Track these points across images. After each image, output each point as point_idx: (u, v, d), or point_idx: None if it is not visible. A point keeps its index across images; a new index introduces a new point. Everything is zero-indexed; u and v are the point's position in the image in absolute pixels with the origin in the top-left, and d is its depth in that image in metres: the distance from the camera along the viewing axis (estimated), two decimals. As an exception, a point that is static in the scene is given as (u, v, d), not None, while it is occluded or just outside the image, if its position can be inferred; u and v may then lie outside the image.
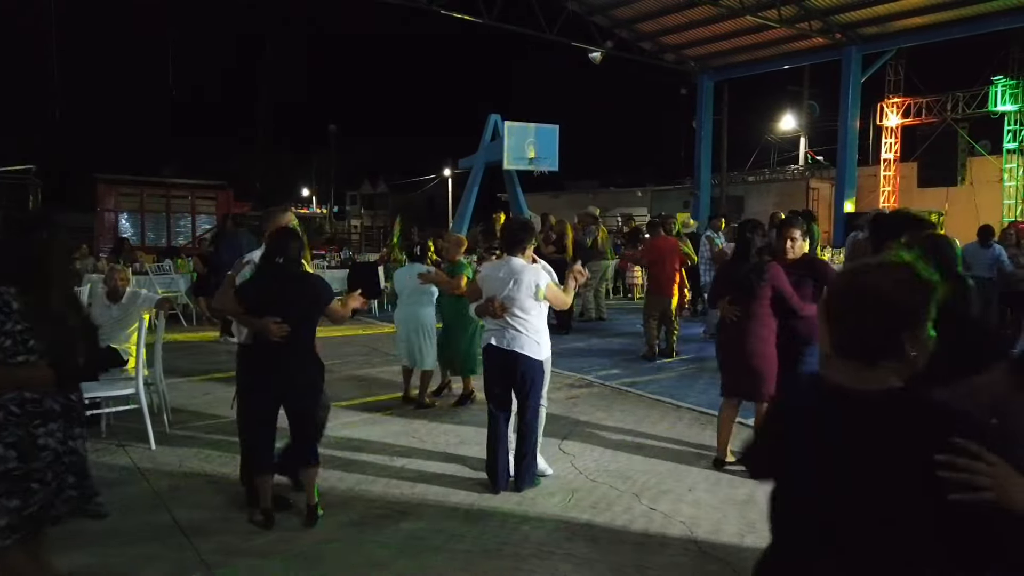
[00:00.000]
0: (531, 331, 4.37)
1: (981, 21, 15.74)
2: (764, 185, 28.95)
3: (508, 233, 4.53)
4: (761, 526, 3.98)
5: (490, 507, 4.25)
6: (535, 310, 4.37)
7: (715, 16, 16.90)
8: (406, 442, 5.41)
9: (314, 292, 3.94)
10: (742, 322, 4.70)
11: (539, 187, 27.46)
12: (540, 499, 4.35)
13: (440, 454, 5.16)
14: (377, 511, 4.17)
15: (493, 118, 18.85)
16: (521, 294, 4.31)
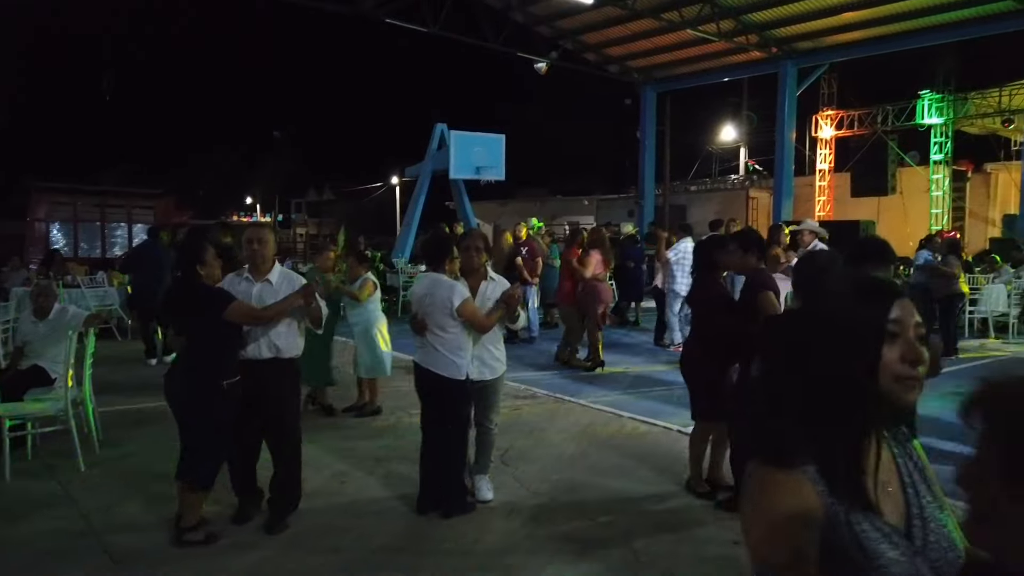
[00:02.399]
0: (448, 349, 4.22)
1: (908, 37, 16.42)
2: (706, 194, 29.58)
3: (427, 248, 4.55)
4: (698, 532, 4.07)
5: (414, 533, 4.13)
6: (453, 328, 4.22)
7: (657, 29, 17.24)
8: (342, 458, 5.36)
9: (196, 304, 3.91)
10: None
11: (487, 195, 27.52)
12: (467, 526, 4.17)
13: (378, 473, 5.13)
14: (314, 530, 4.12)
15: (439, 127, 18.84)
16: (436, 311, 4.22)
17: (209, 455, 3.89)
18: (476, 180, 18.76)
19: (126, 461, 5.23)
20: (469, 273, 4.48)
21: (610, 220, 27.99)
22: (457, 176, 18.14)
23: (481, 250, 4.48)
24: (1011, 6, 14.21)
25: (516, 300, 4.35)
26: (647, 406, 6.88)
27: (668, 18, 15.93)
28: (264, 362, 4.04)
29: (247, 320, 3.97)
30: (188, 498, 3.88)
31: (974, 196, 23.10)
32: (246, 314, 3.95)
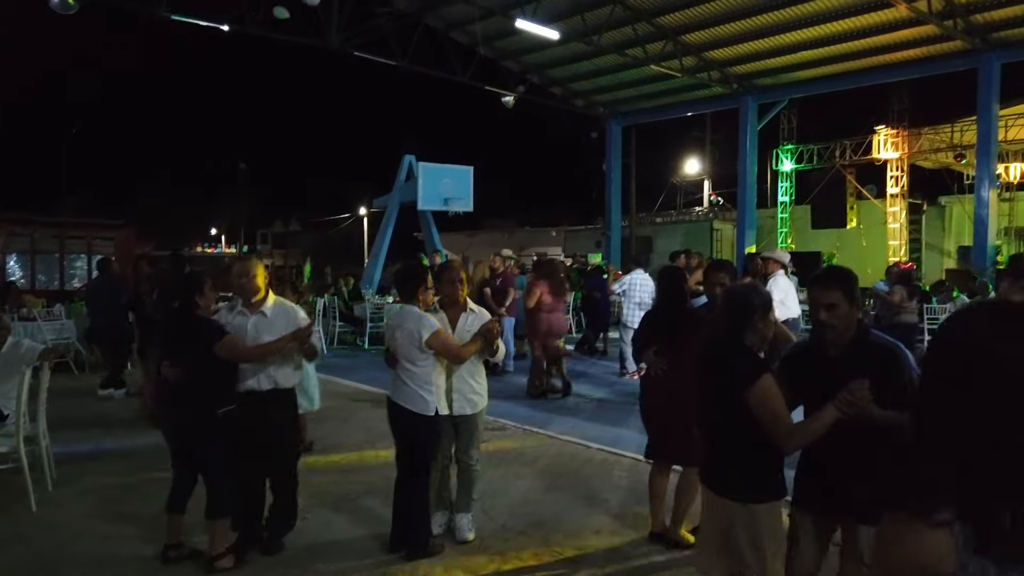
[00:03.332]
0: (417, 383, 4.13)
1: (862, 75, 16.98)
2: (671, 226, 30.01)
3: (398, 279, 4.50)
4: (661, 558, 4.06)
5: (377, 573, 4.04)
6: (422, 361, 4.12)
7: (621, 65, 17.59)
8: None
9: (195, 335, 3.97)
10: (671, 374, 4.18)
11: (455, 226, 27.58)
12: (434, 566, 4.07)
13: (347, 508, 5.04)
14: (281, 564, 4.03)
15: (408, 159, 18.91)
16: (405, 344, 4.15)
17: (225, 485, 3.98)
18: (444, 211, 18.81)
19: (81, 500, 5.07)
20: (449, 305, 4.42)
21: (577, 251, 28.23)
22: (425, 207, 18.16)
23: (461, 282, 4.42)
24: (959, 46, 14.80)
25: (494, 334, 4.28)
26: (615, 435, 6.89)
27: (632, 54, 16.27)
28: (264, 393, 4.12)
29: (237, 358, 4.02)
30: (215, 528, 3.97)
31: (930, 228, 23.76)
32: (236, 352, 4.01)
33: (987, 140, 15.16)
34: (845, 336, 2.78)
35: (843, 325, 2.77)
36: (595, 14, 15.18)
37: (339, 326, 14.30)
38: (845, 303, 2.75)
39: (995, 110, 15.20)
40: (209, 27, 13.38)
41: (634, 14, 15.68)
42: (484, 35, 17.18)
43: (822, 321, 2.78)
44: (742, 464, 2.86)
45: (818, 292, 2.80)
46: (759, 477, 2.85)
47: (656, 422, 4.40)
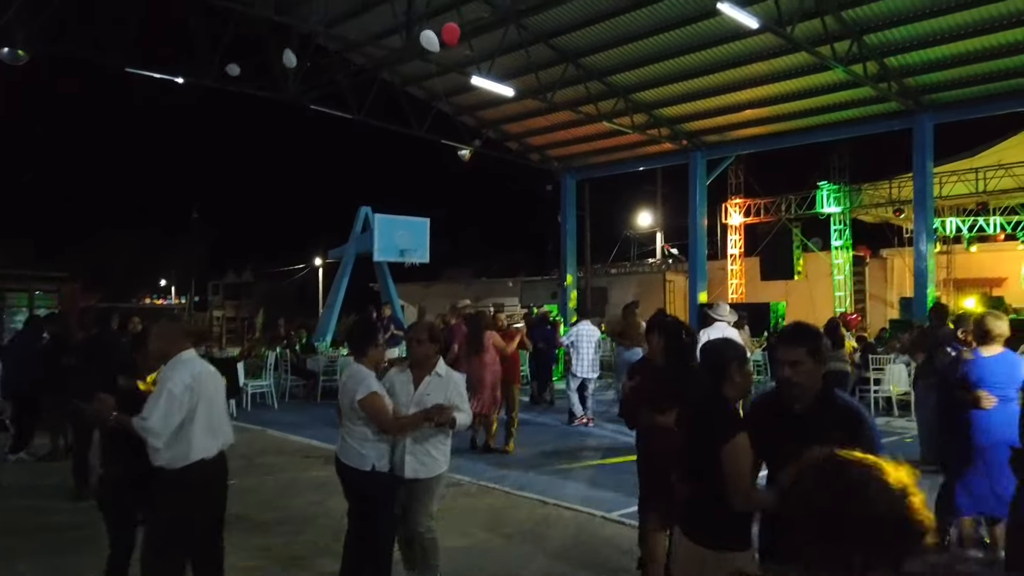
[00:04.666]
0: (355, 439, 4.09)
1: (804, 134, 17.69)
2: (625, 277, 30.43)
3: (349, 335, 4.48)
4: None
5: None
6: (358, 417, 4.08)
7: (575, 121, 18.02)
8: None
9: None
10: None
11: (412, 277, 27.51)
12: None
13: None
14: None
15: (364, 210, 18.91)
16: (344, 399, 4.15)
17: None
18: (401, 262, 18.79)
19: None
20: (416, 364, 4.33)
21: (533, 302, 28.37)
22: (381, 259, 18.13)
23: (424, 341, 4.30)
24: (895, 107, 15.56)
25: (443, 418, 4.07)
26: (562, 488, 6.84)
27: (585, 111, 16.71)
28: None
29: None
30: None
31: (873, 280, 24.56)
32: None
33: (923, 196, 15.84)
34: (809, 393, 2.79)
35: (807, 382, 2.78)
36: (549, 72, 15.60)
37: (291, 380, 14.01)
38: (809, 360, 2.77)
39: (930, 168, 15.93)
40: (164, 79, 13.35)
41: (586, 73, 16.16)
42: (440, 91, 17.49)
43: (787, 378, 2.81)
44: (717, 513, 2.87)
45: (783, 349, 2.84)
46: (733, 526, 2.88)
47: (655, 477, 4.07)
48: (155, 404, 3.57)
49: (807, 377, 2.78)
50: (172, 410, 3.60)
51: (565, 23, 14.47)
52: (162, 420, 3.56)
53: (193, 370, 3.74)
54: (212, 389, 3.84)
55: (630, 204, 33.62)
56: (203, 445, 3.70)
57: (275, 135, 65.59)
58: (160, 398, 3.58)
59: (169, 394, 3.60)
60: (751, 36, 13.56)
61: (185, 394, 3.64)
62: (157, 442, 3.57)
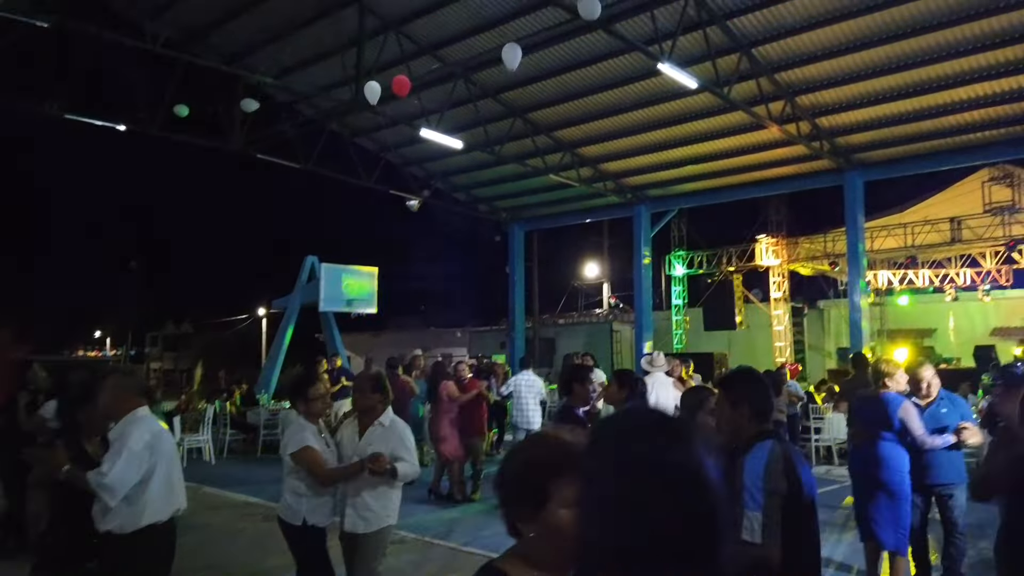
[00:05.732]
0: (288, 490, 4.12)
1: (743, 189, 18.32)
2: (573, 328, 30.67)
3: (288, 385, 4.48)
4: None
5: None
6: (292, 468, 4.10)
7: (522, 173, 18.31)
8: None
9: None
10: None
11: (359, 327, 27.18)
12: None
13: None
14: None
15: (310, 259, 18.73)
16: (283, 451, 4.17)
17: None
18: (347, 313, 18.58)
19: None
20: (360, 415, 4.30)
21: (482, 351, 28.29)
22: (327, 309, 17.91)
23: (366, 392, 4.27)
24: (827, 165, 16.28)
25: (378, 467, 3.97)
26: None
27: (532, 164, 17.02)
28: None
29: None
30: None
31: (811, 330, 25.28)
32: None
33: (856, 250, 16.48)
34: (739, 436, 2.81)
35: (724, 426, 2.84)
36: (497, 126, 15.89)
37: (230, 434, 13.55)
38: (725, 405, 2.86)
39: (861, 223, 16.62)
40: (104, 126, 13.12)
41: (533, 127, 16.51)
42: (390, 142, 17.61)
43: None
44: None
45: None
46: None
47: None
48: (114, 460, 3.38)
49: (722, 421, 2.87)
50: (131, 468, 3.41)
51: (513, 79, 14.83)
52: (120, 477, 3.36)
53: (152, 428, 3.59)
54: (170, 449, 3.71)
55: (577, 255, 34.12)
56: (157, 509, 3.53)
57: (218, 183, 64.81)
58: (120, 455, 3.39)
59: (129, 451, 3.42)
60: (691, 95, 14.10)
61: (145, 452, 3.47)
62: (111, 501, 3.37)
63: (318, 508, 4.07)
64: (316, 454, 4.05)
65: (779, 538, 2.53)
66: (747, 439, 2.78)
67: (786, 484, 2.61)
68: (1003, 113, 13.64)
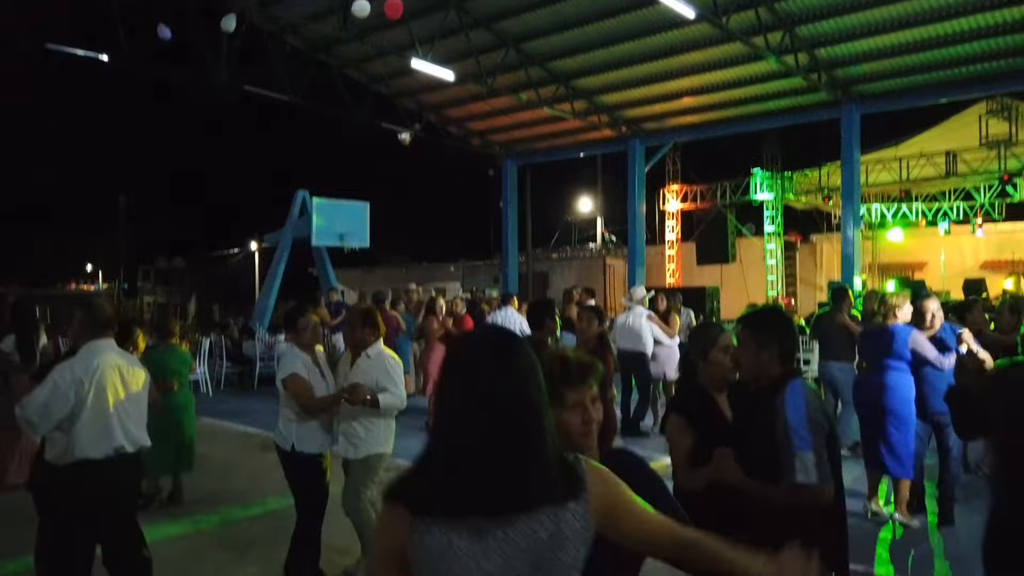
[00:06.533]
0: (282, 420, 4.34)
1: (739, 122, 18.12)
2: (566, 262, 30.74)
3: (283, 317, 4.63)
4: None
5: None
6: (285, 397, 4.30)
7: (516, 106, 18.03)
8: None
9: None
10: None
11: (351, 262, 27.17)
12: None
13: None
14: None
15: (301, 194, 18.54)
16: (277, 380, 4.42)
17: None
18: (340, 247, 18.52)
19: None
20: (353, 348, 4.45)
21: (475, 286, 28.41)
22: (319, 243, 17.83)
23: (357, 327, 4.39)
24: (824, 98, 16.06)
25: (356, 396, 4.12)
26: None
27: (526, 97, 16.73)
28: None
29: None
30: None
31: (803, 264, 25.40)
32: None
33: (851, 184, 16.43)
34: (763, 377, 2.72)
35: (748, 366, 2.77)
36: (489, 57, 15.55)
37: (227, 366, 13.71)
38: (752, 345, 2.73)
39: (857, 156, 16.53)
40: (88, 57, 12.79)
41: (527, 59, 16.16)
42: (379, 74, 17.24)
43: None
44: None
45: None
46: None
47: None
48: (37, 394, 3.37)
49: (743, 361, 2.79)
50: (54, 402, 3.35)
51: (505, 8, 14.44)
52: (39, 411, 3.34)
53: (90, 363, 3.48)
54: (116, 386, 3.55)
55: (571, 190, 33.91)
56: (88, 444, 3.43)
57: (207, 116, 63.64)
58: (44, 388, 3.38)
59: (53, 385, 3.38)
60: (688, 25, 13.78)
61: (72, 387, 3.40)
62: (34, 433, 3.40)
63: (306, 435, 4.24)
64: (302, 382, 4.23)
65: (831, 476, 2.52)
66: (773, 380, 2.68)
67: (827, 421, 2.59)
68: (1003, 45, 13.43)
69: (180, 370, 5.99)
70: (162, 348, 6.13)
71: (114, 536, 3.64)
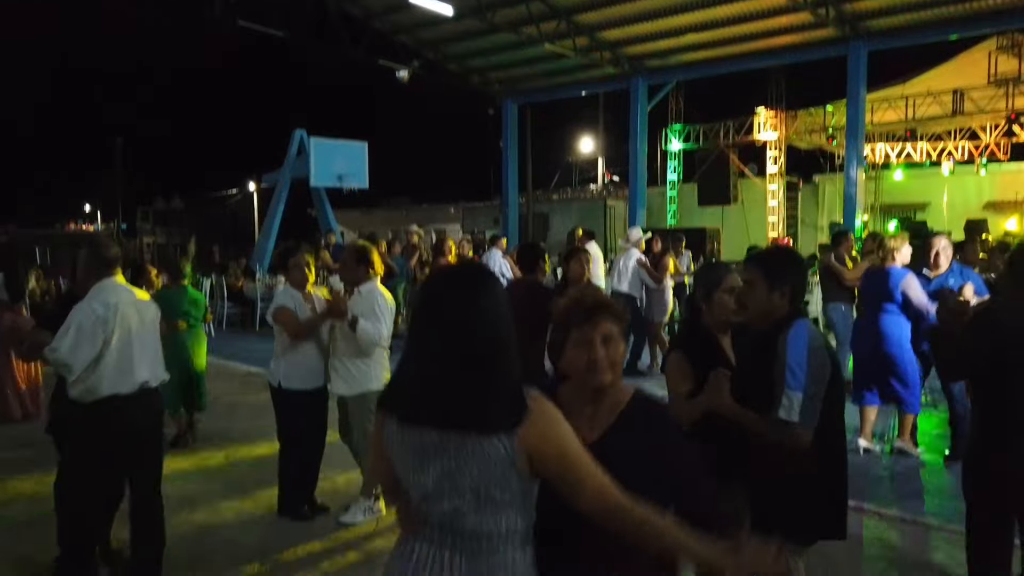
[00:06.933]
0: (273, 356, 4.49)
1: (744, 59, 17.73)
2: (567, 204, 30.55)
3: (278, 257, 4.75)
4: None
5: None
6: (276, 333, 4.44)
7: (516, 43, 17.61)
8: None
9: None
10: None
11: (350, 203, 27.04)
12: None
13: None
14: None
15: (299, 133, 18.32)
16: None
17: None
18: (339, 188, 18.39)
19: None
20: (347, 285, 4.63)
21: (475, 228, 28.32)
22: (318, 184, 17.71)
23: (349, 265, 4.48)
24: (831, 34, 15.70)
25: (333, 312, 4.31)
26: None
27: (527, 32, 16.34)
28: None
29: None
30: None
31: (805, 205, 25.25)
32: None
33: (855, 123, 16.18)
34: (770, 317, 2.67)
35: (757, 306, 2.72)
36: (489, -10, 15.13)
37: (227, 307, 13.79)
38: (762, 285, 2.68)
39: (863, 95, 16.24)
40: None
41: (527, -8, 15.73)
42: (376, 9, 16.80)
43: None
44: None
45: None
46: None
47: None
48: (64, 335, 3.37)
49: (751, 301, 2.73)
50: (84, 342, 3.37)
51: (505, -61, 13.99)
52: (71, 352, 3.35)
53: (107, 300, 3.48)
54: (134, 322, 3.55)
55: (572, 130, 33.48)
56: (116, 380, 3.47)
57: (204, 53, 62.33)
58: (69, 329, 3.38)
59: (79, 327, 3.38)
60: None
61: (97, 326, 3.40)
62: (69, 375, 3.40)
63: (291, 372, 4.37)
64: (289, 313, 4.36)
65: (815, 421, 2.47)
66: (779, 319, 2.64)
67: (830, 364, 2.55)
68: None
69: (190, 311, 6.00)
70: (173, 288, 6.14)
71: (141, 472, 3.67)
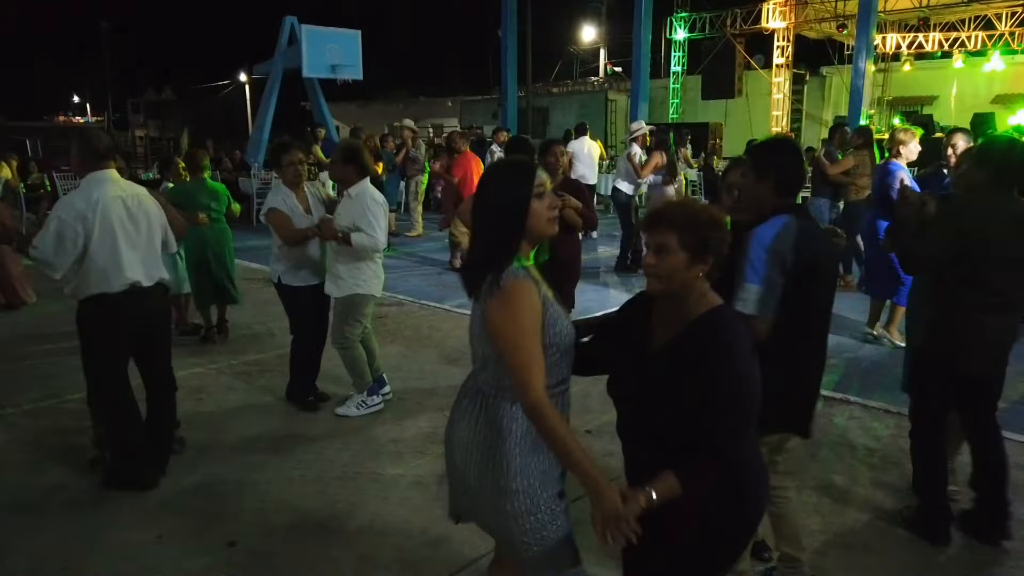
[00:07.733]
0: (271, 253, 4.56)
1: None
2: (567, 97, 29.76)
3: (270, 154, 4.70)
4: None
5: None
6: (272, 231, 4.46)
7: (515, -78, 16.68)
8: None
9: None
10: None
11: (346, 96, 26.34)
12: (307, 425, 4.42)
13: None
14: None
15: (289, 20, 17.63)
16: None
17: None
18: (332, 79, 17.86)
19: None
20: (338, 184, 4.55)
21: (474, 122, 27.71)
22: (311, 74, 17.20)
23: (337, 163, 4.39)
24: (848, -87, 14.86)
25: (326, 232, 4.23)
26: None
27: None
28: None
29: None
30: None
31: (810, 99, 24.65)
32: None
33: (868, 9, 15.54)
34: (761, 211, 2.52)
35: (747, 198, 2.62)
36: None
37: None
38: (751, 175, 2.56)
39: (877, -20, 15.54)
40: None
41: None
42: None
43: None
44: None
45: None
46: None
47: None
48: (45, 232, 3.26)
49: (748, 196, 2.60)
50: (64, 238, 3.26)
51: None
52: (52, 249, 3.25)
53: (89, 195, 3.33)
54: (120, 218, 3.40)
55: (573, 19, 32.20)
56: (101, 279, 3.37)
57: (184, -68, 59.05)
58: (49, 226, 3.26)
59: (59, 221, 3.25)
60: None
61: (77, 223, 3.27)
62: (54, 273, 3.32)
63: (289, 270, 4.45)
64: (280, 216, 4.34)
65: (772, 312, 2.35)
66: (767, 213, 2.48)
67: (793, 258, 2.36)
68: None
69: (210, 204, 5.94)
70: (192, 181, 6.07)
71: (145, 365, 3.71)
